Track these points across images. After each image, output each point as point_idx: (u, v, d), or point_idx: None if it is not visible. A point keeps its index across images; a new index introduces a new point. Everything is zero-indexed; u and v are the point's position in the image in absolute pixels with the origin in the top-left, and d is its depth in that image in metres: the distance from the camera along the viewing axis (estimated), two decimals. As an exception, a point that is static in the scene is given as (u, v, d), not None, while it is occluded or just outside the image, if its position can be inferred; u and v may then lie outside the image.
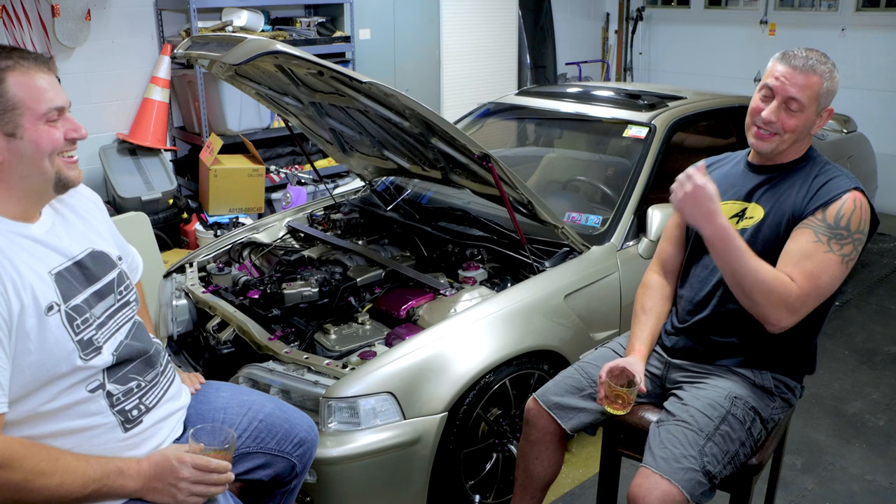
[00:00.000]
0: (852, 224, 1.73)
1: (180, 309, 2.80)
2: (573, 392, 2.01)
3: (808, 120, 1.81)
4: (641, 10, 7.15)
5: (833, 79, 1.80)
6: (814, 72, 1.78)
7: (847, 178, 1.80)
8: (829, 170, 1.84)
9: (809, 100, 1.78)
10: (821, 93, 1.79)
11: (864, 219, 1.75)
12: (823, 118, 1.83)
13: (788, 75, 1.79)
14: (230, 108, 4.73)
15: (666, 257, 2.09)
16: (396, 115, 2.44)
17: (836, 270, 1.73)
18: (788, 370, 1.91)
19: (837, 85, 1.82)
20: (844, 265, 1.73)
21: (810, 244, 1.73)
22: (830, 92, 1.81)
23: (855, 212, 1.74)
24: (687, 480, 1.69)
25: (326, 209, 3.44)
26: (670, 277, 2.07)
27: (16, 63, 1.41)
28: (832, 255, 1.72)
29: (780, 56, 1.83)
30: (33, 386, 1.39)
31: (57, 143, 1.45)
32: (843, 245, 1.72)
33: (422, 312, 2.48)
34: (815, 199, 1.77)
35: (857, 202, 1.75)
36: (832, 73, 1.80)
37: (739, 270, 1.70)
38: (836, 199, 1.75)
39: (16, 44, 4.14)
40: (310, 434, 1.86)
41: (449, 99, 5.85)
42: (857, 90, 5.80)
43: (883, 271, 4.67)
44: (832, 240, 1.72)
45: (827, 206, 1.75)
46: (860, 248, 1.76)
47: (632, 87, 3.92)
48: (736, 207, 1.91)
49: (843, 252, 1.73)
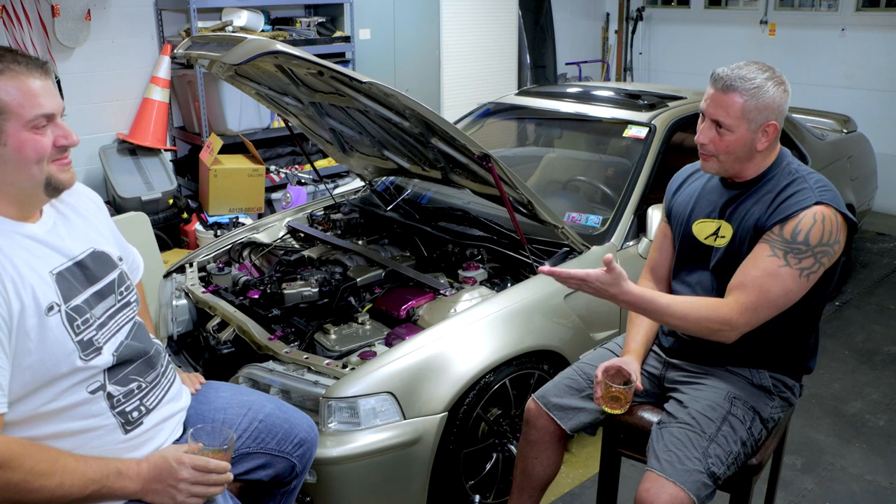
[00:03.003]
0: (811, 238, 1.71)
1: (180, 309, 2.80)
2: (572, 393, 2.02)
3: (742, 139, 1.76)
4: (641, 10, 7.15)
5: (762, 95, 1.72)
6: (733, 90, 1.74)
7: (811, 191, 1.75)
8: (795, 183, 1.79)
9: (736, 119, 1.74)
10: (746, 110, 1.73)
11: (828, 230, 1.71)
12: (769, 134, 1.77)
13: (711, 97, 1.78)
14: (230, 108, 4.72)
15: (654, 265, 2.11)
16: (396, 115, 2.44)
17: (793, 284, 1.72)
18: (786, 369, 1.92)
19: (775, 98, 1.74)
20: (804, 278, 1.72)
21: (765, 258, 1.73)
22: (762, 108, 1.73)
23: (815, 226, 1.71)
24: (693, 482, 1.70)
25: (326, 209, 3.44)
26: (661, 284, 2.09)
27: (7, 67, 1.39)
28: (788, 269, 1.71)
29: (711, 76, 1.80)
30: (33, 386, 1.39)
31: (43, 151, 1.42)
32: (801, 259, 1.71)
33: (422, 312, 2.48)
34: (775, 214, 1.76)
35: (818, 216, 1.71)
36: (760, 90, 1.73)
37: (670, 322, 1.77)
38: (794, 215, 1.73)
39: (15, 44, 4.14)
40: (310, 434, 1.86)
41: (449, 99, 5.84)
42: (857, 90, 5.80)
43: (883, 271, 4.67)
44: (789, 254, 1.71)
45: (785, 221, 1.73)
46: (826, 259, 1.73)
47: (632, 87, 3.92)
48: (712, 226, 1.91)
49: (802, 266, 1.71)
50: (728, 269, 1.83)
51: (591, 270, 1.67)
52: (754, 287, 1.73)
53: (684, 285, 1.98)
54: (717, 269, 1.88)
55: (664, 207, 2.09)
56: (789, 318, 1.80)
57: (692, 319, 1.74)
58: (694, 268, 1.96)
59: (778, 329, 1.82)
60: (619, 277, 1.66)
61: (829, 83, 5.94)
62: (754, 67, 1.76)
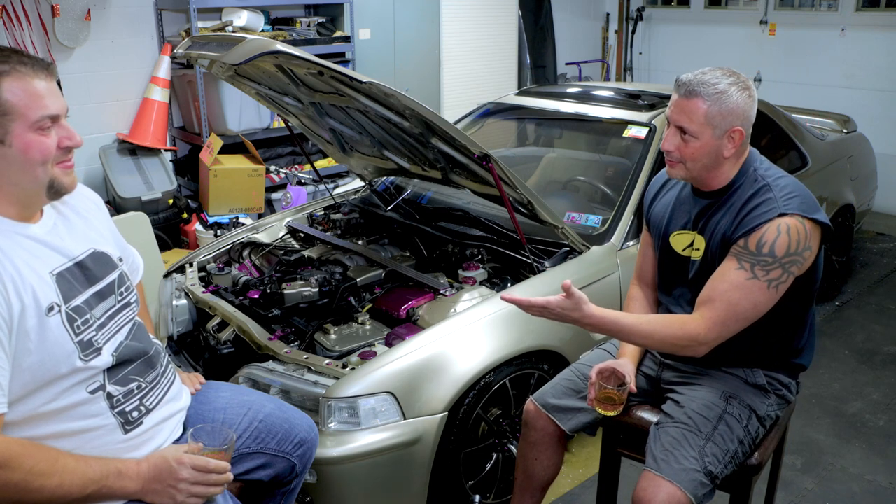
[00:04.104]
0: (777, 250, 1.69)
1: (180, 309, 2.80)
2: (570, 394, 2.03)
3: (707, 146, 1.75)
4: (641, 10, 7.15)
5: (725, 100, 1.71)
6: (696, 96, 1.73)
7: (775, 201, 1.73)
8: (760, 192, 1.77)
9: (700, 126, 1.74)
10: (710, 116, 1.72)
11: (795, 240, 1.69)
12: (735, 140, 1.75)
13: (676, 103, 1.78)
14: (230, 108, 4.73)
15: (641, 272, 2.12)
16: (396, 115, 2.44)
17: (760, 296, 1.71)
18: (780, 367, 1.92)
19: (739, 104, 1.72)
20: (773, 290, 1.72)
21: (732, 272, 1.73)
22: (726, 113, 1.72)
23: (780, 237, 1.69)
24: (690, 482, 1.70)
25: (326, 209, 3.44)
26: (650, 288, 2.10)
27: (13, 68, 1.39)
28: (755, 282, 1.71)
29: (675, 82, 1.80)
30: (33, 386, 1.39)
31: (48, 152, 1.42)
32: (768, 271, 1.70)
33: (422, 312, 2.48)
34: (740, 227, 1.75)
35: (783, 227, 1.70)
36: (725, 94, 1.71)
37: (638, 341, 1.80)
38: (758, 227, 1.72)
39: (16, 44, 4.14)
40: (310, 434, 1.86)
41: (449, 99, 5.85)
42: (857, 90, 5.80)
43: (883, 271, 4.67)
44: (756, 266, 1.71)
45: (749, 234, 1.72)
46: (796, 268, 1.72)
47: (632, 87, 3.91)
48: (688, 238, 1.91)
49: (771, 277, 1.71)
50: (703, 283, 1.82)
51: (551, 298, 1.69)
52: (722, 301, 1.73)
53: (669, 297, 1.99)
54: (693, 282, 1.89)
55: (644, 216, 2.10)
56: (778, 319, 1.81)
57: (658, 338, 1.75)
58: (674, 279, 1.97)
59: (767, 329, 1.82)
60: (579, 302, 1.68)
61: (829, 83, 5.94)
62: (719, 73, 1.76)
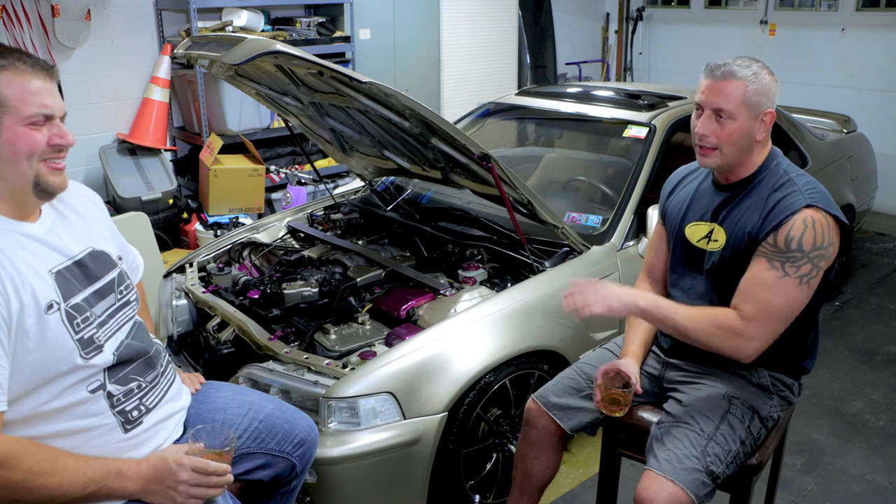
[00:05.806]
0: (805, 244, 1.70)
1: (180, 309, 2.80)
2: (572, 393, 2.02)
3: (743, 127, 1.77)
4: (641, 10, 7.15)
5: (759, 80, 1.75)
6: (734, 76, 1.75)
7: (800, 193, 1.75)
8: (784, 186, 1.78)
9: (737, 106, 1.75)
10: (747, 96, 1.74)
11: (820, 234, 1.71)
12: (766, 123, 1.78)
13: (711, 86, 1.78)
14: (230, 108, 4.72)
15: (651, 268, 2.11)
16: (396, 115, 2.44)
17: (795, 293, 1.72)
18: (784, 368, 1.92)
19: (770, 86, 1.77)
20: (805, 285, 1.72)
21: (764, 272, 1.73)
22: (761, 93, 1.75)
23: (807, 231, 1.70)
24: (692, 481, 1.70)
25: (326, 209, 3.44)
26: (658, 286, 2.09)
27: (11, 64, 1.40)
28: (788, 279, 1.71)
29: (704, 69, 1.81)
30: (33, 385, 1.39)
31: (35, 147, 1.42)
32: (798, 266, 1.71)
33: (422, 312, 2.48)
34: (766, 223, 1.75)
35: (809, 220, 1.71)
36: (758, 75, 1.75)
37: (676, 328, 1.77)
38: (785, 221, 1.72)
39: (15, 44, 4.14)
40: (310, 434, 1.86)
41: (449, 99, 5.84)
42: (857, 90, 5.80)
43: (883, 271, 4.67)
44: (786, 264, 1.71)
45: (777, 229, 1.73)
46: (824, 262, 1.73)
47: (632, 87, 3.91)
48: (705, 229, 1.91)
49: (801, 273, 1.71)
50: (723, 275, 1.83)
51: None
52: (756, 301, 1.72)
53: (679, 290, 1.98)
54: (711, 273, 1.88)
55: (659, 209, 2.10)
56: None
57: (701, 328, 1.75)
58: (687, 272, 1.96)
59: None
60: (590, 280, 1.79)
61: (829, 83, 5.94)
62: (744, 59, 1.79)
